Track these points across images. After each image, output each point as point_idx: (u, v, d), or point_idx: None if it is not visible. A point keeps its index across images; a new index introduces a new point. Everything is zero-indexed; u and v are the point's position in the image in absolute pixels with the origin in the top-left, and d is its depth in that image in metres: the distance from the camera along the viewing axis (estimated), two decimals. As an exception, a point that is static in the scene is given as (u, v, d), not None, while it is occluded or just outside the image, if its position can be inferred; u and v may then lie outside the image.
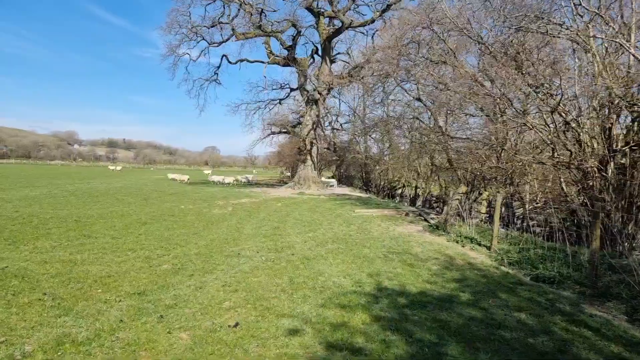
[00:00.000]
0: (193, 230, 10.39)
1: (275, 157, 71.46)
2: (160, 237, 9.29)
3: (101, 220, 11.40)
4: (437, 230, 12.21)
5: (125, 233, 9.58)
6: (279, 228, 11.30)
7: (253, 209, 15.86)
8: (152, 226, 10.83)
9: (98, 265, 6.56)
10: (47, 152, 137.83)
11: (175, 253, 7.65)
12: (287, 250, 8.31)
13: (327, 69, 30.66)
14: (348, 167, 50.99)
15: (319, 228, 11.66)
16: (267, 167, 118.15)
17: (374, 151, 45.39)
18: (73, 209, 13.71)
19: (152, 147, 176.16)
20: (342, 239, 9.93)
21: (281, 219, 13.22)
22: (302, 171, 31.21)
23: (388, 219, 14.64)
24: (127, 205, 15.70)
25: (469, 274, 6.92)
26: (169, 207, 15.67)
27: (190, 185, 31.11)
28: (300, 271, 6.69)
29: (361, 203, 20.39)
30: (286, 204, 18.74)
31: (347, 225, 12.55)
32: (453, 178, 25.62)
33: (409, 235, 11.01)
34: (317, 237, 10.06)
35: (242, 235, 10.01)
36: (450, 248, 9.33)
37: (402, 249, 8.90)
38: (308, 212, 15.67)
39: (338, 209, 16.93)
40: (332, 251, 8.42)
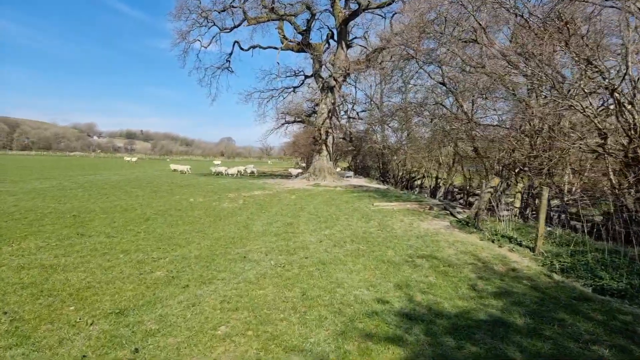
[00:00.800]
0: (198, 227, 9.47)
1: (290, 148, 70.55)
2: (161, 235, 8.40)
3: (102, 216, 10.62)
4: (466, 227, 11.00)
5: (123, 231, 8.73)
6: (292, 225, 10.29)
7: (265, 202, 14.91)
8: (155, 222, 9.98)
9: (81, 271, 5.67)
10: (68, 144, 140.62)
11: (173, 256, 6.72)
12: (300, 252, 7.29)
13: (343, 54, 29.27)
14: (364, 157, 49.66)
15: (336, 224, 10.60)
16: (282, 157, 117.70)
17: (392, 141, 43.96)
18: (76, 202, 13.01)
19: (169, 139, 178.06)
20: (361, 238, 8.85)
21: (294, 214, 12.21)
22: (317, 162, 30.14)
23: (411, 213, 13.47)
24: (134, 198, 14.96)
25: (516, 285, 5.76)
26: (178, 200, 14.86)
27: (204, 177, 30.45)
28: (315, 280, 5.66)
29: (380, 195, 19.22)
30: (300, 196, 17.74)
31: (366, 220, 11.46)
32: (478, 168, 24.14)
33: (436, 233, 9.84)
34: (334, 236, 9.01)
35: (250, 233, 9.04)
36: (485, 249, 8.14)
37: (431, 251, 7.77)
38: (323, 205, 14.63)
39: (355, 202, 15.82)
40: (352, 253, 7.36)
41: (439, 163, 29.97)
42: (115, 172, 33.10)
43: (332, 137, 31.02)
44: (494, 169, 19.72)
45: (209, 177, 29.42)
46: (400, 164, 39.00)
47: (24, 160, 56.67)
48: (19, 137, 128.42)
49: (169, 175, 30.11)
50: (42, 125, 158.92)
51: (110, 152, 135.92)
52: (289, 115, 31.35)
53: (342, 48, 29.69)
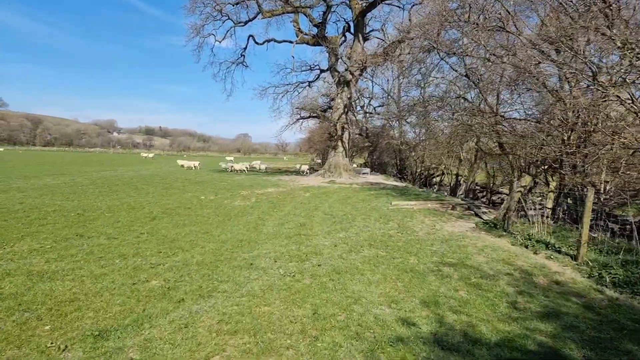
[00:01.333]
0: (205, 228, 8.88)
1: (305, 144, 69.82)
2: (165, 237, 7.83)
3: (107, 214, 10.16)
4: (494, 229, 10.11)
5: (125, 231, 8.21)
6: (305, 225, 9.60)
7: (278, 200, 14.27)
8: (161, 222, 9.44)
9: (69, 280, 5.12)
10: (89, 140, 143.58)
11: (173, 262, 6.11)
12: (313, 259, 6.60)
13: (359, 47, 28.34)
14: (381, 153, 48.60)
15: (352, 225, 9.86)
16: (297, 154, 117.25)
17: (410, 136, 42.84)
18: (84, 200, 12.64)
19: (186, 135, 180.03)
20: (380, 242, 8.10)
21: (308, 214, 11.53)
22: (332, 158, 29.38)
23: (432, 213, 12.62)
24: (144, 195, 14.55)
25: (564, 304, 4.92)
26: (188, 197, 14.37)
27: (218, 173, 30.09)
28: (329, 294, 4.95)
29: (398, 193, 18.36)
30: (315, 194, 17.05)
31: (384, 221, 10.68)
32: (501, 165, 22.97)
33: (462, 237, 8.99)
34: (350, 239, 8.28)
35: (260, 235, 8.39)
36: (520, 256, 7.28)
37: (458, 258, 6.96)
38: (339, 204, 13.90)
39: (373, 201, 15.04)
40: (370, 260, 6.62)
41: (459, 159, 28.82)
42: (130, 168, 33.10)
43: (348, 132, 30.19)
44: (523, 166, 18.61)
45: (223, 174, 29.04)
46: (419, 161, 37.93)
47: (45, 155, 57.72)
48: (41, 133, 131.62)
49: (183, 172, 29.86)
50: (63, 121, 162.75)
51: (129, 148, 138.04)
52: (304, 110, 30.65)
53: (359, 41, 28.77)
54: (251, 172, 33.14)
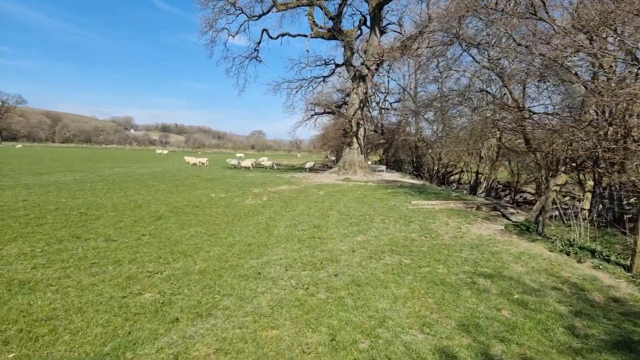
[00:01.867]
0: (212, 229, 8.24)
1: (319, 140, 69.07)
2: (168, 239, 7.20)
3: (111, 213, 9.63)
4: (526, 233, 9.20)
5: (127, 232, 7.62)
6: (319, 227, 8.87)
7: (291, 199, 13.58)
8: (166, 222, 8.84)
9: (52, 291, 4.50)
10: (106, 137, 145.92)
11: (172, 269, 5.46)
12: (329, 267, 5.86)
13: (376, 40, 27.40)
14: (396, 150, 47.50)
15: (370, 227, 9.09)
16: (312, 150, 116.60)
17: (427, 133, 41.70)
18: (91, 197, 12.19)
19: (202, 132, 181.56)
20: (403, 247, 7.31)
21: (323, 214, 10.80)
22: (347, 155, 28.55)
23: (455, 214, 11.74)
24: (153, 193, 14.05)
25: (634, 330, 4.07)
26: (198, 195, 13.81)
27: (231, 170, 29.63)
28: (348, 313, 4.21)
29: (417, 192, 17.47)
30: (329, 192, 16.31)
31: (405, 222, 9.87)
32: (526, 163, 21.80)
33: (493, 241, 8.13)
34: (369, 243, 7.51)
35: (271, 237, 7.70)
36: (564, 266, 6.39)
37: (494, 267, 6.13)
38: (355, 203, 13.13)
39: (391, 200, 14.21)
40: (393, 269, 5.85)
41: (480, 156, 27.65)
42: (144, 164, 32.94)
43: (364, 128, 29.30)
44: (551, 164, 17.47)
45: (236, 171, 28.55)
46: (436, 158, 36.82)
47: (62, 152, 58.43)
48: (60, 130, 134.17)
49: (195, 169, 29.50)
50: (82, 118, 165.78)
51: (145, 145, 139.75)
52: (319, 106, 29.87)
53: (376, 34, 27.82)
54: (257, 169, 32.58)
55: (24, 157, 35.53)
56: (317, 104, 29.04)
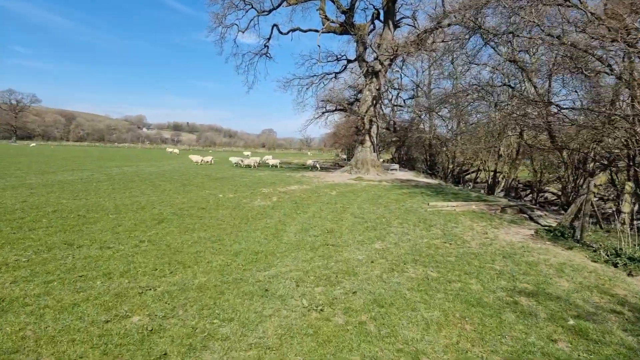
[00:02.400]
0: (217, 235, 7.59)
1: (330, 139, 68.20)
2: (167, 247, 6.57)
3: (111, 216, 9.06)
4: (561, 239, 8.33)
5: (124, 238, 7.02)
6: (333, 232, 8.15)
7: (302, 200, 12.90)
8: (168, 226, 8.23)
9: (27, 313, 3.87)
10: (119, 136, 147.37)
11: (168, 284, 4.81)
12: (346, 281, 5.14)
13: (390, 35, 26.50)
14: (409, 148, 46.47)
15: (389, 232, 8.33)
16: (322, 149, 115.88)
17: (441, 131, 40.64)
18: (93, 198, 11.68)
19: (213, 130, 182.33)
20: (427, 256, 6.55)
21: (336, 216, 10.08)
22: (359, 153, 27.74)
23: (479, 216, 10.90)
24: (159, 193, 13.51)
25: None
26: (205, 196, 13.22)
27: (242, 169, 29.09)
28: (372, 345, 3.49)
29: (433, 192, 16.62)
30: (342, 192, 15.57)
31: (426, 227, 9.09)
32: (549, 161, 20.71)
33: (527, 249, 7.30)
34: (389, 251, 6.77)
35: (280, 244, 7.02)
36: (615, 281, 5.55)
37: (535, 283, 5.33)
38: (369, 204, 12.37)
39: (407, 201, 13.42)
40: (420, 284, 5.10)
41: (498, 154, 26.55)
42: (154, 163, 32.63)
43: (377, 126, 28.45)
44: (574, 162, 16.42)
45: (246, 170, 27.98)
46: (451, 156, 35.79)
47: (74, 150, 58.78)
48: (74, 129, 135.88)
49: (204, 168, 29.03)
50: (96, 117, 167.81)
51: (157, 144, 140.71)
52: (330, 103, 29.08)
53: (389, 28, 26.92)
54: (267, 168, 31.96)
55: (35, 156, 35.58)
56: (328, 101, 28.29)
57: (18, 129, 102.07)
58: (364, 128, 27.58)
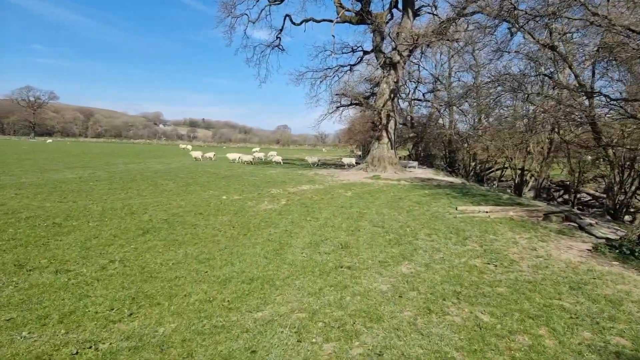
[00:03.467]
0: (207, 251, 6.26)
1: (345, 135, 66.52)
2: (141, 270, 5.26)
3: (91, 223, 7.84)
4: (631, 259, 6.73)
5: (93, 256, 5.75)
6: (348, 248, 6.73)
7: (313, 203, 11.51)
8: (153, 238, 6.95)
9: None
10: (136, 132, 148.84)
11: (119, 337, 3.47)
12: (366, 333, 3.71)
13: (409, 23, 24.77)
14: (427, 145, 44.52)
15: (416, 248, 6.87)
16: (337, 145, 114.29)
17: (462, 126, 38.66)
18: (83, 200, 10.54)
19: (228, 127, 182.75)
20: (469, 285, 5.07)
21: (351, 225, 8.65)
22: (376, 150, 26.17)
23: (519, 225, 9.31)
24: (158, 194, 12.32)
25: None
26: (207, 197, 11.96)
27: (252, 166, 27.90)
28: None
29: (459, 193, 15.00)
30: (358, 193, 14.11)
31: (459, 239, 7.58)
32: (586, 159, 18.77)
33: (595, 275, 5.73)
34: (420, 278, 5.32)
35: (282, 266, 5.64)
36: None
37: (631, 337, 3.80)
38: (389, 208, 10.90)
39: (431, 204, 11.90)
40: (470, 340, 3.64)
41: (526, 151, 24.56)
42: (164, 159, 31.75)
43: (394, 121, 26.77)
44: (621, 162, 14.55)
45: (256, 168, 26.75)
46: (472, 153, 33.87)
47: (89, 146, 58.74)
48: (93, 126, 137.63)
49: (214, 165, 27.94)
50: (113, 114, 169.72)
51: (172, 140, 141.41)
52: (345, 97, 27.48)
53: (408, 17, 25.18)
54: (279, 165, 30.68)
55: (46, 152, 35.17)
56: (343, 94, 26.72)
57: (37, 126, 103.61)
58: (380, 123, 25.98)
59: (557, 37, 14.35)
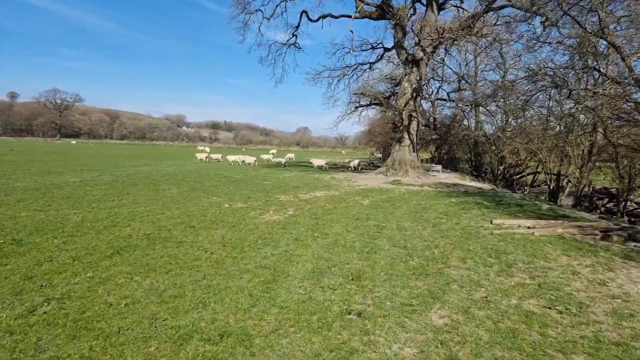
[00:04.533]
0: (179, 284, 4.91)
1: (365, 137, 64.65)
2: (79, 316, 3.96)
3: (56, 240, 6.65)
4: None
5: (30, 290, 4.50)
6: (360, 279, 5.26)
7: (325, 213, 10.08)
8: (121, 261, 5.68)
9: None
10: (159, 134, 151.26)
11: None
12: None
13: (433, 17, 23.05)
14: (450, 147, 42.30)
15: (448, 281, 5.32)
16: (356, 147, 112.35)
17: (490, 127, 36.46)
18: (67, 209, 9.45)
19: (249, 129, 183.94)
20: (532, 349, 3.53)
21: (366, 244, 7.17)
22: (397, 153, 24.51)
23: (573, 246, 7.58)
24: (155, 200, 11.17)
25: None
26: (207, 206, 10.72)
27: (266, 169, 26.70)
28: None
29: (491, 202, 13.25)
30: (376, 201, 12.59)
31: (502, 267, 5.98)
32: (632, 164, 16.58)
33: None
34: (460, 335, 3.81)
35: (270, 309, 4.23)
36: None
37: None
38: (413, 221, 9.35)
39: (461, 215, 10.28)
40: None
41: (563, 154, 22.35)
42: (178, 162, 31.00)
43: (417, 122, 25.04)
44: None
45: (271, 171, 25.52)
46: (501, 156, 31.67)
47: (110, 147, 59.12)
48: (118, 128, 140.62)
49: (227, 167, 26.91)
50: (138, 116, 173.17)
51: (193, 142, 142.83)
52: (364, 96, 25.89)
53: (433, 11, 23.47)
54: (295, 167, 29.34)
55: (62, 155, 35.06)
56: (362, 93, 25.17)
57: (63, 127, 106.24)
58: (402, 124, 24.32)
59: (602, 27, 12.43)
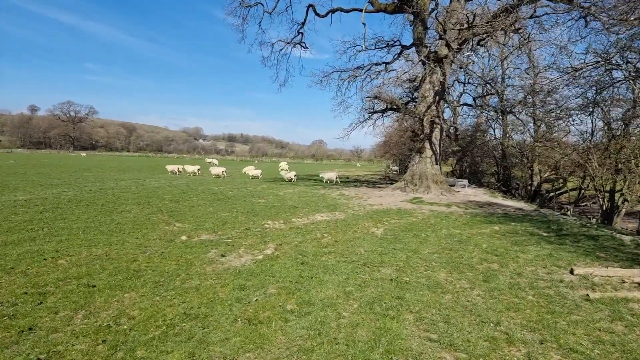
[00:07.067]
0: None
1: (381, 148, 61.08)
2: None
3: None
4: None
5: None
6: None
7: (318, 255, 6.89)
8: None
9: None
10: (176, 146, 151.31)
11: None
12: None
13: (459, 7, 19.85)
14: (474, 159, 38.45)
15: None
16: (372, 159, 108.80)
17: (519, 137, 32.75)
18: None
19: (265, 142, 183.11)
20: None
21: (375, 331, 3.93)
22: (416, 165, 21.14)
23: None
24: (93, 228, 8.21)
25: None
26: (156, 238, 7.70)
27: (268, 184, 23.67)
28: None
29: (549, 232, 9.79)
30: (393, 230, 9.33)
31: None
32: None
33: None
34: None
35: None
36: None
37: None
38: (450, 270, 6.05)
39: (519, 256, 6.96)
40: None
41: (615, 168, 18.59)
42: (174, 176, 28.37)
43: (440, 129, 21.66)
44: None
45: (270, 186, 22.48)
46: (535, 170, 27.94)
47: (117, 160, 57.35)
48: (135, 140, 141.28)
49: (222, 182, 24.03)
50: (155, 129, 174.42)
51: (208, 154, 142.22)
52: (379, 100, 22.62)
53: (459, 0, 20.32)
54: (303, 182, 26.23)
55: (55, 167, 32.97)
56: (376, 97, 21.96)
57: (76, 140, 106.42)
58: (422, 132, 20.99)
59: None
